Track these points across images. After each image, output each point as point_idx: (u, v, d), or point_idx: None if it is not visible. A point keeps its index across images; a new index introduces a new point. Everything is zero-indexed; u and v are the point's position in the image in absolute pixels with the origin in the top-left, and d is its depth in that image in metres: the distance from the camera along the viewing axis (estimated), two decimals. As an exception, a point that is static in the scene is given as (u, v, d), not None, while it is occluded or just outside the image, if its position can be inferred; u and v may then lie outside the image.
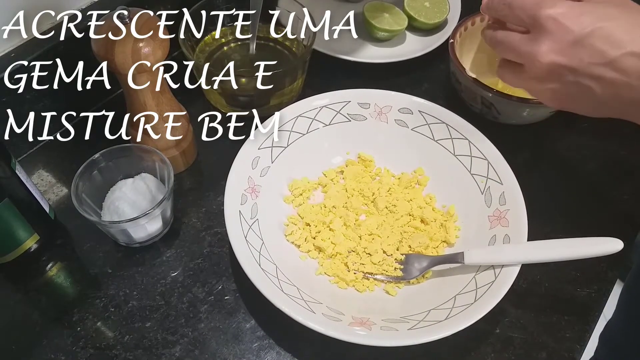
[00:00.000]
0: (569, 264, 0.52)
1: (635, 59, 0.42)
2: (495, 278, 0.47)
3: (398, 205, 0.56)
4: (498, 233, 0.51)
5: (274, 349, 0.48)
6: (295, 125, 0.57)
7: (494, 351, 0.48)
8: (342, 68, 0.67)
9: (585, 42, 0.42)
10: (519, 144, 0.60)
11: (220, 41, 0.66)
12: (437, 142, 0.57)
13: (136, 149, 0.54)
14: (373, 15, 0.70)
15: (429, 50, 0.69)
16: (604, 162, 0.61)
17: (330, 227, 0.54)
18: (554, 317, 0.50)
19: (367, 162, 0.59)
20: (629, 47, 0.41)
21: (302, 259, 0.53)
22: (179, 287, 0.51)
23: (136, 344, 0.48)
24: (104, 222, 0.49)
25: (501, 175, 0.53)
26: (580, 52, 0.43)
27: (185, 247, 0.54)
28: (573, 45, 0.43)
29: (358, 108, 0.59)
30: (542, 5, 0.44)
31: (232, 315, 0.50)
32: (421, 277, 0.51)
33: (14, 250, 0.51)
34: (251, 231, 0.50)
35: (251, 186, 0.53)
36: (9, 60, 0.55)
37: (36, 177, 0.59)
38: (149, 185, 0.54)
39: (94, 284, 0.52)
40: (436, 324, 0.45)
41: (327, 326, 0.44)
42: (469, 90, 0.60)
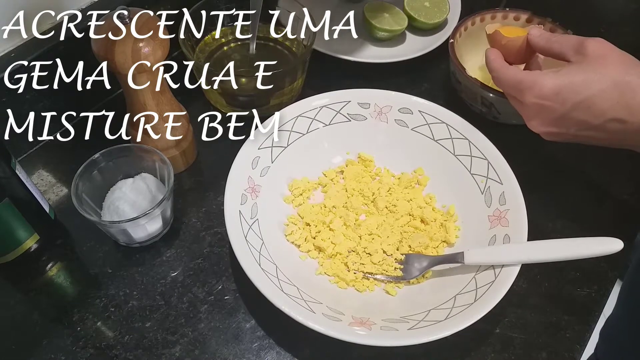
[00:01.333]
0: (569, 264, 0.52)
1: (617, 124, 0.45)
2: (495, 278, 0.47)
3: (398, 205, 0.56)
4: (498, 233, 0.51)
5: (274, 349, 0.48)
6: (295, 125, 0.57)
7: (494, 351, 0.48)
8: (342, 68, 0.67)
9: (569, 116, 0.47)
10: (519, 144, 0.60)
11: (220, 41, 0.66)
12: (437, 142, 0.57)
13: (136, 149, 0.54)
14: (373, 15, 0.70)
15: (429, 50, 0.69)
16: (604, 162, 0.61)
17: (330, 227, 0.54)
18: (554, 317, 0.50)
19: (367, 162, 0.59)
20: (610, 115, 0.45)
21: (302, 259, 0.53)
22: (179, 287, 0.51)
23: (136, 343, 0.48)
24: (104, 222, 0.49)
25: (501, 175, 0.53)
26: (567, 123, 0.47)
27: (185, 247, 0.54)
28: (560, 119, 0.47)
29: (358, 108, 0.59)
30: (524, 90, 0.48)
31: (232, 315, 0.50)
32: (421, 277, 0.51)
33: (14, 250, 0.51)
34: (251, 231, 0.50)
35: (251, 186, 0.53)
36: (9, 60, 0.55)
37: (36, 177, 0.59)
38: (149, 185, 0.54)
39: (94, 284, 0.52)
40: (436, 324, 0.45)
41: (327, 326, 0.44)
42: (469, 90, 0.60)
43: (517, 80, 0.49)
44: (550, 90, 0.46)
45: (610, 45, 0.47)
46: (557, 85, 0.46)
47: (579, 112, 0.46)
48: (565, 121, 0.47)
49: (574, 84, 0.45)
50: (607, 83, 0.44)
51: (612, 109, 0.44)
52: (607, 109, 0.45)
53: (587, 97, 0.45)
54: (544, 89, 0.46)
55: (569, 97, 0.45)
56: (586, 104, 0.45)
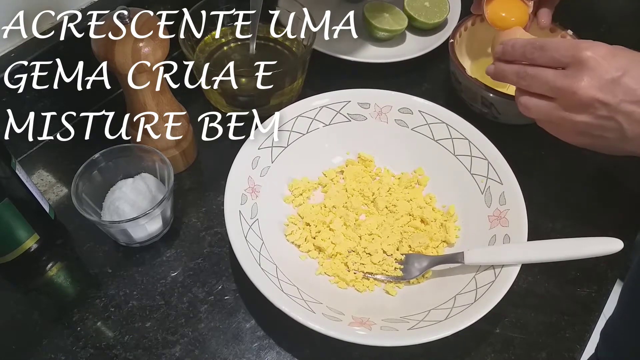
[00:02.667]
0: (569, 264, 0.52)
1: None
2: (495, 278, 0.47)
3: (398, 205, 0.56)
4: (498, 233, 0.51)
5: (274, 348, 0.48)
6: (295, 125, 0.57)
7: (494, 351, 0.48)
8: (342, 68, 0.67)
9: (621, 81, 0.46)
10: (519, 144, 0.60)
11: (220, 41, 0.66)
12: (437, 142, 0.57)
13: (136, 149, 0.54)
14: (373, 15, 0.70)
15: (429, 50, 0.69)
16: (604, 162, 0.61)
17: (330, 227, 0.54)
18: (554, 317, 0.50)
19: (367, 162, 0.59)
20: None
21: (302, 259, 0.53)
22: (179, 287, 0.51)
23: (136, 343, 0.48)
24: (104, 222, 0.49)
25: (501, 175, 0.53)
26: (616, 89, 0.47)
27: (185, 247, 0.54)
28: (610, 82, 0.47)
29: (358, 108, 0.59)
30: (581, 46, 0.48)
31: (232, 315, 0.50)
32: (421, 277, 0.51)
33: (14, 250, 0.51)
34: (251, 231, 0.50)
35: (251, 186, 0.53)
36: (9, 60, 0.55)
37: (36, 177, 0.59)
38: (149, 185, 0.54)
39: (94, 284, 0.52)
40: (436, 324, 0.45)
41: (327, 326, 0.44)
42: (469, 90, 0.60)
43: (573, 42, 0.49)
44: (608, 51, 0.47)
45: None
46: (614, 49, 0.47)
47: (630, 79, 0.46)
48: (615, 86, 0.47)
49: (629, 55, 0.47)
50: None
51: None
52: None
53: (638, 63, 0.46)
54: (602, 48, 0.47)
55: (624, 63, 0.47)
56: (638, 72, 0.46)
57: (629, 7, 0.78)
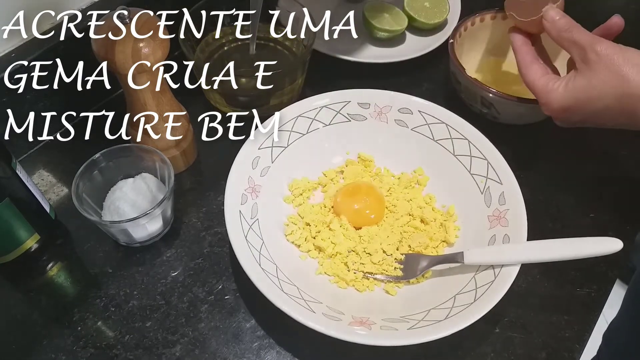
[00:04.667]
0: (569, 264, 0.52)
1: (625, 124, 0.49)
2: (495, 278, 0.47)
3: (398, 205, 0.56)
4: (498, 233, 0.51)
5: (274, 348, 0.48)
6: (295, 125, 0.57)
7: (494, 351, 0.48)
8: (342, 68, 0.67)
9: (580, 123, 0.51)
10: (519, 144, 0.60)
11: (220, 41, 0.66)
12: (437, 142, 0.57)
13: (136, 149, 0.54)
14: (373, 15, 0.70)
15: (429, 50, 0.69)
16: (604, 162, 0.61)
17: (330, 227, 0.54)
18: (554, 317, 0.50)
19: (367, 162, 0.59)
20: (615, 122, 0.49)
21: (302, 259, 0.53)
22: (179, 286, 0.51)
23: (136, 343, 0.48)
24: (105, 222, 0.49)
25: (501, 175, 0.53)
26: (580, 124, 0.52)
27: (186, 246, 0.54)
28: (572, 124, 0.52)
29: (358, 108, 0.59)
30: (539, 102, 0.53)
31: (232, 315, 0.50)
32: (421, 277, 0.51)
33: (15, 250, 0.51)
34: (251, 231, 0.50)
35: (251, 186, 0.53)
36: (9, 60, 0.55)
37: (37, 177, 0.59)
38: (149, 185, 0.54)
39: (94, 284, 0.52)
40: (436, 323, 0.45)
41: (327, 326, 0.44)
42: (469, 90, 0.60)
43: (532, 89, 0.53)
44: (559, 108, 0.51)
45: (613, 50, 0.47)
46: (564, 105, 0.50)
47: (588, 122, 0.51)
48: (577, 124, 0.52)
49: (579, 101, 0.49)
50: (610, 99, 0.47)
51: (615, 120, 0.49)
52: (611, 120, 0.49)
53: (593, 113, 0.49)
54: (553, 106, 0.51)
55: (575, 114, 0.50)
56: (592, 118, 0.50)
57: (629, 7, 0.78)
